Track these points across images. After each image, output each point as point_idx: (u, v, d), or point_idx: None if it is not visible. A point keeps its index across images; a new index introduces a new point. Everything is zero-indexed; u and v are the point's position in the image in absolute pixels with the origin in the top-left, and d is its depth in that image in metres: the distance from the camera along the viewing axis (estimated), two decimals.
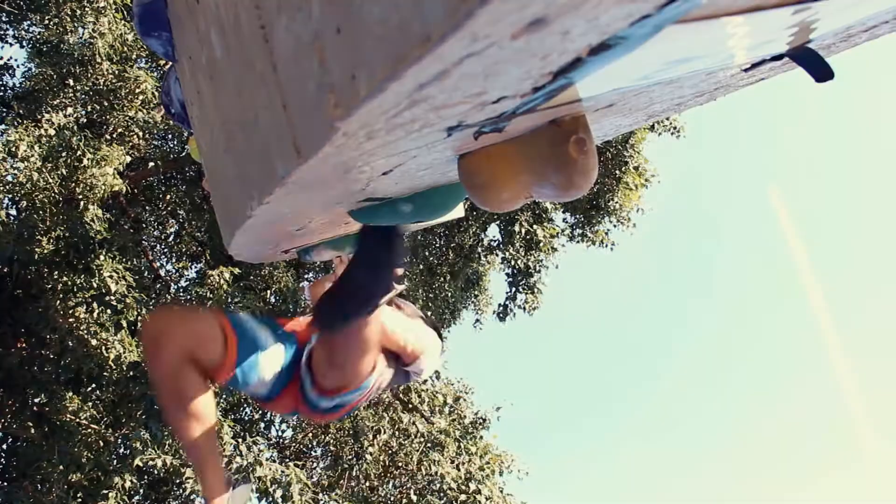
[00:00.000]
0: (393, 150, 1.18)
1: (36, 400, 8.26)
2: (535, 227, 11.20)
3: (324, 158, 1.05)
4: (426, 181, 1.83)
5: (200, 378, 2.24)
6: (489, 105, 1.02)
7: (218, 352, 2.26)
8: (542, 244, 11.35)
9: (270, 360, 2.40)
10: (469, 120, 1.10)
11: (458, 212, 3.71)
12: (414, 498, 9.62)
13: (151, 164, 10.64)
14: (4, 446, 9.84)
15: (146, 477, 10.19)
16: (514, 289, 12.02)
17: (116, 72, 9.91)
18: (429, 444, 10.14)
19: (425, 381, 11.53)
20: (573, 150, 1.45)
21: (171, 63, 2.56)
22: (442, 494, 9.51)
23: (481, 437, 11.10)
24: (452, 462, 9.98)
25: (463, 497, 9.36)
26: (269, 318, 2.58)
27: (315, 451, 12.91)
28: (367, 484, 10.78)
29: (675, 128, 12.32)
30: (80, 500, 7.16)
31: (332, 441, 11.85)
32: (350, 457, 11.36)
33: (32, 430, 7.90)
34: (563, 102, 1.27)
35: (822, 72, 1.49)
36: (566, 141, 1.45)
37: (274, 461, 9.12)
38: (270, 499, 7.76)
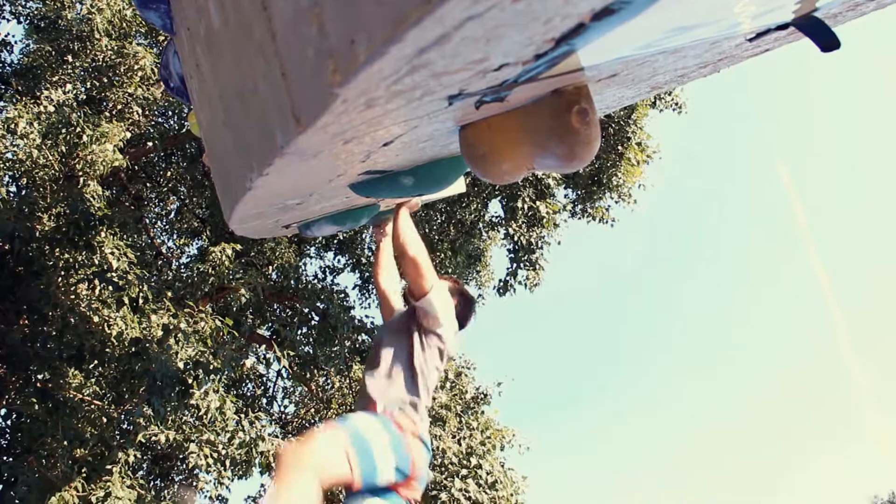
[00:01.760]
0: (393, 120, 1.17)
1: (39, 376, 8.29)
2: (537, 202, 11.17)
3: (323, 127, 1.04)
4: (427, 153, 1.81)
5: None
6: (491, 72, 1.01)
7: (346, 473, 2.36)
8: (544, 220, 11.32)
9: (385, 456, 2.51)
10: (470, 88, 1.09)
11: (460, 186, 3.69)
12: None
13: (151, 141, 10.59)
14: (9, 422, 9.89)
15: (149, 452, 10.26)
16: (515, 265, 12.01)
17: (115, 48, 9.84)
18: (430, 419, 10.18)
19: None
20: (575, 120, 1.44)
21: (169, 36, 2.54)
22: (443, 469, 9.57)
23: (482, 413, 11.16)
24: (454, 437, 10.04)
25: (464, 471, 9.43)
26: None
27: (318, 427, 12.99)
28: None
29: (676, 104, 12.24)
30: (84, 474, 7.19)
31: (334, 417, 11.90)
32: None
33: (36, 407, 7.93)
34: (566, 71, 1.25)
35: (828, 41, 1.47)
36: (568, 111, 1.44)
37: (276, 437, 9.18)
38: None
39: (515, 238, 11.63)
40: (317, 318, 11.63)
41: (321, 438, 2.36)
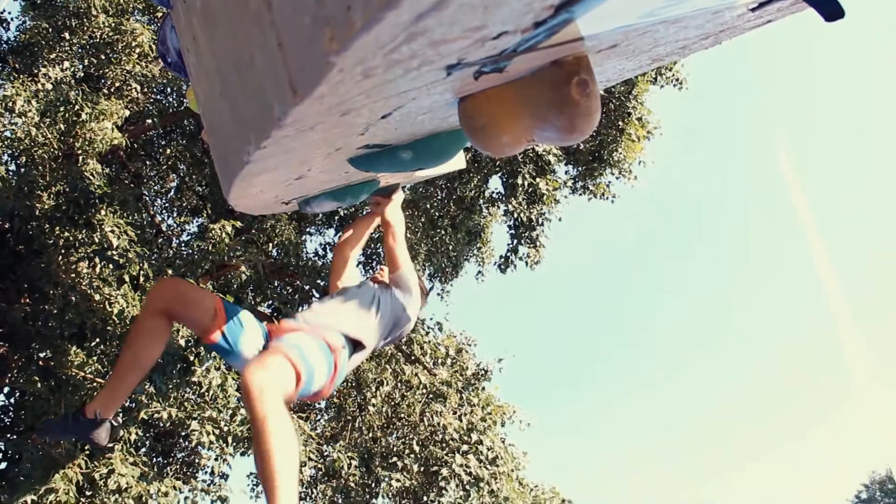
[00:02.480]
0: (391, 91, 1.16)
1: (41, 354, 8.31)
2: (538, 179, 11.13)
3: (320, 98, 1.03)
4: (426, 127, 1.80)
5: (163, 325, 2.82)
6: (489, 41, 1.00)
7: (205, 319, 2.79)
8: (545, 196, 11.29)
9: (251, 339, 2.87)
10: (469, 58, 1.08)
11: (460, 163, 3.68)
12: (416, 448, 9.74)
13: (150, 119, 10.55)
14: (12, 400, 9.94)
15: (151, 430, 10.30)
16: (515, 241, 11.99)
17: (112, 24, 9.78)
18: (431, 396, 10.23)
19: (427, 333, 11.61)
20: (575, 91, 1.42)
21: (166, 11, 2.53)
22: (444, 445, 9.62)
23: (483, 389, 11.20)
24: (455, 413, 10.08)
25: (465, 447, 9.47)
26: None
27: (318, 403, 13.05)
28: (370, 435, 10.90)
29: (677, 80, 12.18)
30: (87, 452, 7.22)
31: (335, 393, 11.96)
32: (353, 408, 11.48)
33: (39, 385, 7.95)
34: (566, 41, 1.24)
35: (831, 10, 1.45)
36: (568, 82, 1.42)
37: None
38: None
39: (516, 214, 11.60)
40: (317, 295, 11.65)
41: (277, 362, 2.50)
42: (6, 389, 9.55)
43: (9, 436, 9.37)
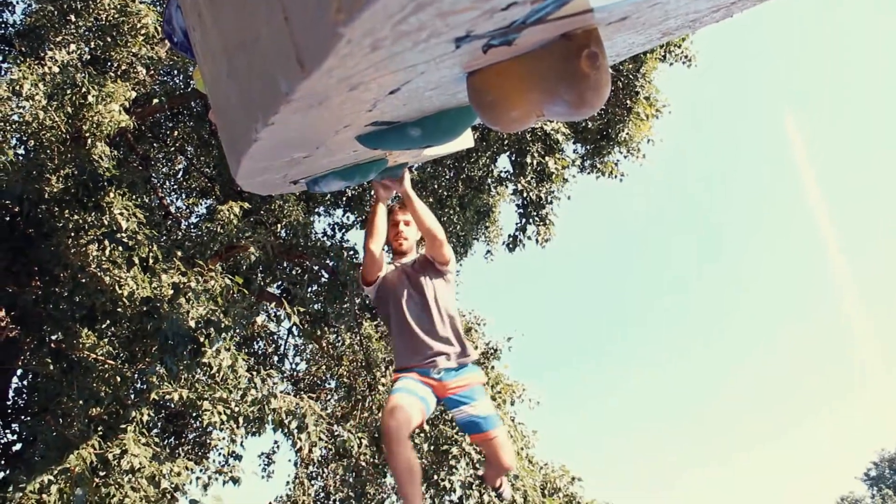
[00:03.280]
0: (400, 64, 1.14)
1: (53, 337, 8.36)
2: (546, 158, 11.09)
3: (328, 71, 1.01)
4: (435, 103, 1.79)
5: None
6: (498, 12, 0.98)
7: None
8: (554, 175, 11.25)
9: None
10: (478, 30, 1.07)
11: (468, 141, 3.66)
12: (426, 427, 9.77)
13: (157, 100, 10.53)
14: (25, 382, 10.02)
15: (163, 410, 10.38)
16: (524, 220, 11.98)
17: (118, 6, 9.74)
18: None
19: None
20: (585, 64, 1.41)
21: None
22: (454, 423, 9.66)
23: (493, 368, 11.22)
24: None
25: None
26: None
27: (329, 384, 13.11)
28: (380, 414, 10.94)
29: (686, 57, 12.10)
30: (100, 432, 7.28)
31: (345, 373, 12.00)
32: (363, 388, 11.52)
33: (51, 367, 8.01)
34: (575, 12, 1.22)
35: None
36: (578, 55, 1.40)
37: (288, 394, 9.26)
38: (286, 430, 7.89)
39: (524, 193, 11.58)
40: (326, 276, 11.67)
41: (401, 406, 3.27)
42: (19, 372, 9.63)
43: (23, 418, 9.46)
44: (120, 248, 8.11)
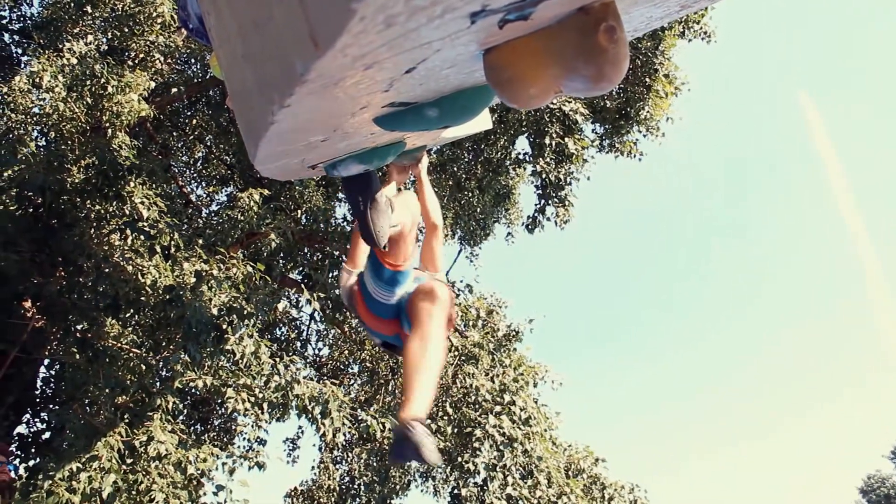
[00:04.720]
0: (415, 41, 1.13)
1: (78, 326, 8.44)
2: (565, 138, 11.02)
3: (342, 49, 1.00)
4: (452, 82, 1.77)
5: None
6: None
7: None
8: (573, 156, 11.18)
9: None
10: (493, 4, 1.05)
11: (486, 123, 3.64)
12: (450, 410, 9.80)
13: (175, 89, 10.57)
14: (52, 371, 10.14)
15: (188, 398, 10.47)
16: (543, 201, 11.92)
17: None
18: (463, 358, 10.26)
19: (458, 296, 11.62)
20: (603, 38, 1.38)
21: None
22: (477, 406, 9.67)
23: (515, 350, 11.21)
24: (487, 374, 10.11)
25: (498, 408, 9.51)
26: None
27: (352, 368, 13.17)
28: (404, 398, 10.97)
29: (705, 32, 11.96)
30: (127, 420, 7.35)
31: (367, 357, 12.05)
32: (386, 372, 11.57)
33: (77, 356, 8.08)
34: None
35: None
36: (595, 29, 1.38)
37: (311, 380, 9.30)
38: (310, 416, 7.93)
39: (543, 175, 11.52)
40: (345, 260, 11.68)
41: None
42: (46, 361, 9.75)
43: (51, 406, 9.58)
44: (142, 237, 8.17)
